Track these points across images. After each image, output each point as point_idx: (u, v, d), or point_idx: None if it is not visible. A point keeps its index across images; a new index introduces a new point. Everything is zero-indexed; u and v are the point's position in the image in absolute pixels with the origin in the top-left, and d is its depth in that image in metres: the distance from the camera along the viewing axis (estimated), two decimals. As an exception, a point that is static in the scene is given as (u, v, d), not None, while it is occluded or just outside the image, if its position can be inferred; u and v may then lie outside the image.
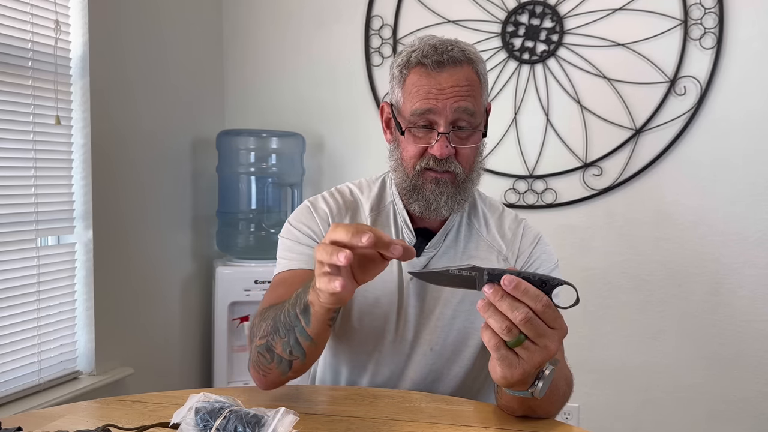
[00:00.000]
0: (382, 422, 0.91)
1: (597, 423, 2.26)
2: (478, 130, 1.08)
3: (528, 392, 0.81)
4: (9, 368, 1.68)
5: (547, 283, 0.77)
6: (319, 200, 1.19)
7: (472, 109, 1.05)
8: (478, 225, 1.18)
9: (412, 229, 1.14)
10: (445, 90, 1.04)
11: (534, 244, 1.17)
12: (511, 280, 0.75)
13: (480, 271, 0.77)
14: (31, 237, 1.73)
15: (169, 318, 2.29)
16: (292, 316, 0.91)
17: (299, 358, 0.94)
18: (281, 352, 0.93)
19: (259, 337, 0.96)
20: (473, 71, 1.06)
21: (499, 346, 0.77)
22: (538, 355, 0.77)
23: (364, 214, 1.18)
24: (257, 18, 2.55)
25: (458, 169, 1.07)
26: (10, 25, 1.65)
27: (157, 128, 2.18)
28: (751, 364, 2.14)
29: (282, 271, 1.12)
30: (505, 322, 0.75)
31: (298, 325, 0.91)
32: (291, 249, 1.14)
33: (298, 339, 0.91)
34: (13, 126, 1.67)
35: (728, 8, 2.10)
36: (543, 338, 0.76)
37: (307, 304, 0.89)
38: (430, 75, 1.04)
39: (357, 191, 1.21)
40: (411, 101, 1.06)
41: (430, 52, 1.05)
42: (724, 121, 2.12)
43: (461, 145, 1.07)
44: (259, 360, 0.96)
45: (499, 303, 0.75)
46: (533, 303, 0.75)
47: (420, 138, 1.07)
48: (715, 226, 2.15)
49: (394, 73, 1.10)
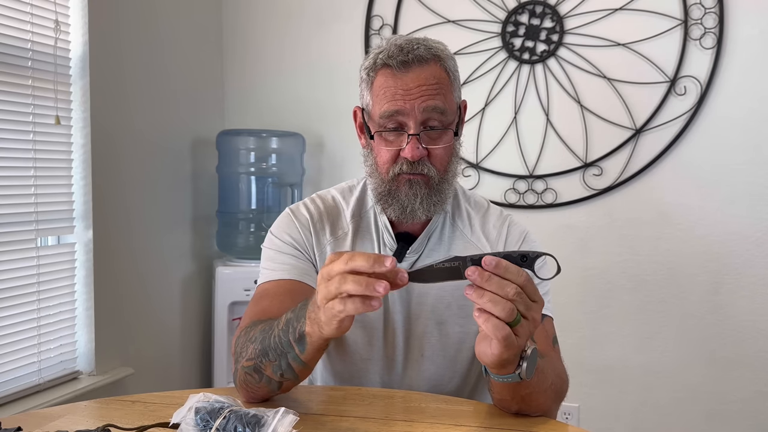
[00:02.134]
0: (382, 422, 0.91)
1: (597, 423, 2.26)
2: (449, 129, 1.05)
3: (516, 374, 0.83)
4: (9, 368, 1.68)
5: (527, 257, 0.79)
6: (300, 207, 1.17)
7: (442, 107, 1.02)
8: (462, 225, 1.16)
9: (392, 235, 1.12)
10: (411, 90, 1.01)
11: (520, 242, 1.15)
12: (491, 260, 0.77)
13: (463, 260, 0.78)
14: (31, 237, 1.73)
15: (169, 318, 2.29)
16: (285, 342, 0.89)
17: (290, 379, 0.92)
18: (271, 374, 0.92)
19: (246, 358, 0.94)
20: (441, 68, 1.04)
21: (498, 325, 0.77)
22: (528, 328, 0.79)
23: (346, 220, 1.15)
24: (257, 18, 2.55)
25: (431, 171, 1.04)
26: (10, 25, 1.66)
27: (156, 128, 2.18)
28: (750, 364, 2.14)
29: (265, 281, 1.10)
30: (506, 305, 0.76)
31: (291, 351, 0.89)
32: (273, 259, 1.12)
33: (291, 364, 0.90)
34: (12, 126, 1.67)
35: (728, 8, 2.10)
36: (530, 311, 0.79)
37: (303, 334, 0.86)
38: (396, 76, 1.02)
39: (339, 197, 1.19)
40: (379, 104, 1.04)
41: (395, 52, 1.02)
42: (724, 121, 2.12)
43: (433, 146, 1.04)
44: (246, 380, 0.95)
45: (487, 284, 0.76)
46: (516, 278, 0.77)
47: (391, 141, 1.05)
48: (715, 226, 2.15)
49: (362, 76, 1.08)
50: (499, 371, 0.83)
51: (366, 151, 1.11)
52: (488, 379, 0.89)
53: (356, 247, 1.13)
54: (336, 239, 1.14)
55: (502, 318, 0.76)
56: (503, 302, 0.76)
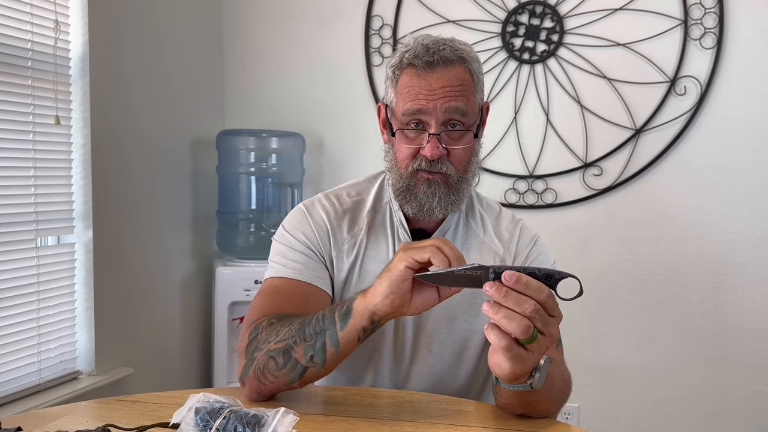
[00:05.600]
0: (382, 422, 0.91)
1: (597, 423, 2.26)
2: (470, 130, 1.06)
3: (527, 384, 0.82)
4: (9, 368, 1.68)
5: (552, 277, 0.79)
6: (315, 206, 1.17)
7: (463, 108, 1.04)
8: (475, 226, 1.17)
9: (408, 231, 1.13)
10: (435, 90, 1.03)
11: (531, 245, 1.16)
12: (511, 275, 0.76)
13: (485, 270, 0.78)
14: (31, 237, 1.73)
15: (169, 318, 2.29)
16: (328, 320, 0.92)
17: (317, 366, 0.92)
18: (300, 356, 0.92)
19: (276, 341, 0.94)
20: (466, 70, 1.05)
21: (510, 346, 0.77)
22: (545, 344, 0.79)
23: (362, 215, 1.16)
24: (257, 18, 2.55)
25: (450, 170, 1.06)
26: (9, 25, 1.65)
27: (156, 128, 2.18)
28: (750, 364, 2.14)
29: (274, 276, 1.10)
30: (522, 322, 0.75)
31: (332, 328, 0.91)
32: (284, 255, 1.12)
33: (326, 343, 0.91)
34: (12, 126, 1.67)
35: (728, 8, 2.10)
36: (548, 327, 0.78)
37: (350, 308, 0.90)
38: (421, 76, 1.04)
39: (355, 192, 1.20)
40: (402, 102, 1.05)
41: (421, 52, 1.04)
42: (724, 121, 2.12)
43: (453, 146, 1.06)
44: (267, 366, 0.94)
45: (505, 299, 0.76)
46: (536, 295, 0.77)
47: (411, 139, 1.06)
48: (715, 226, 2.15)
49: (388, 73, 1.10)
50: (511, 382, 0.83)
51: (387, 147, 1.13)
52: (497, 385, 0.90)
53: (370, 241, 1.14)
54: (352, 236, 1.14)
55: (517, 335, 0.76)
56: (519, 318, 0.76)
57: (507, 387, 0.84)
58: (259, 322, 1.00)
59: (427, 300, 0.89)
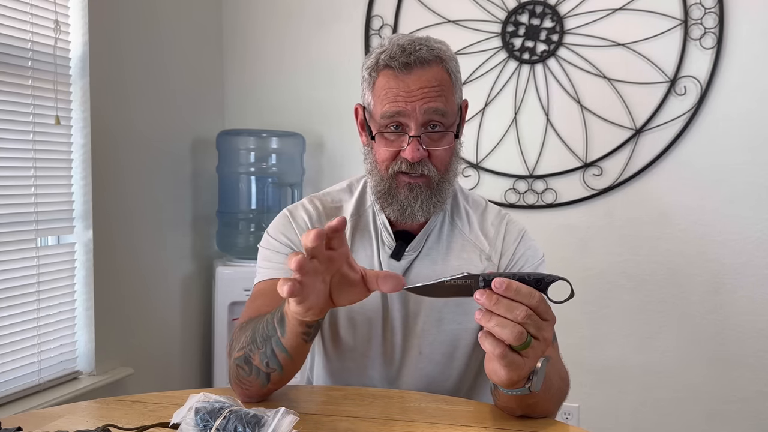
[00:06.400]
0: (382, 422, 0.91)
1: (597, 423, 2.26)
2: (449, 131, 1.05)
3: (525, 388, 0.82)
4: (9, 368, 1.68)
5: (542, 281, 0.78)
6: (298, 209, 1.17)
7: (443, 109, 1.02)
8: (461, 224, 1.16)
9: (391, 233, 1.12)
10: (413, 92, 1.01)
11: (518, 241, 1.15)
12: (501, 282, 0.75)
13: (475, 278, 0.77)
14: (31, 237, 1.73)
15: (169, 318, 2.29)
16: (270, 326, 0.90)
17: (276, 371, 0.92)
18: (259, 363, 0.92)
19: (238, 349, 0.95)
20: (443, 70, 1.04)
21: (505, 353, 0.76)
22: (540, 348, 0.78)
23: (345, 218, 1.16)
24: (257, 18, 2.55)
25: (432, 172, 1.04)
26: (9, 25, 1.66)
27: (156, 128, 2.18)
28: (750, 364, 2.14)
29: (260, 280, 1.11)
30: (515, 329, 0.74)
31: (275, 335, 0.89)
32: (269, 259, 1.12)
33: (274, 350, 0.90)
34: (12, 126, 1.67)
35: (728, 8, 2.10)
36: (542, 331, 0.77)
37: (283, 314, 0.88)
38: (398, 77, 1.02)
39: (338, 196, 1.19)
40: (380, 104, 1.04)
41: (397, 53, 1.02)
42: (724, 120, 2.12)
43: (434, 147, 1.04)
44: (238, 373, 0.95)
45: (496, 307, 0.75)
46: (528, 300, 0.76)
47: (391, 141, 1.05)
48: (715, 226, 2.15)
49: (364, 75, 1.07)
50: (508, 387, 0.83)
51: (366, 149, 1.11)
52: (496, 390, 0.89)
53: (355, 245, 1.13)
54: None
55: (510, 342, 0.75)
56: (512, 326, 0.75)
57: (505, 392, 0.84)
58: (237, 328, 1.01)
59: (355, 296, 0.85)
